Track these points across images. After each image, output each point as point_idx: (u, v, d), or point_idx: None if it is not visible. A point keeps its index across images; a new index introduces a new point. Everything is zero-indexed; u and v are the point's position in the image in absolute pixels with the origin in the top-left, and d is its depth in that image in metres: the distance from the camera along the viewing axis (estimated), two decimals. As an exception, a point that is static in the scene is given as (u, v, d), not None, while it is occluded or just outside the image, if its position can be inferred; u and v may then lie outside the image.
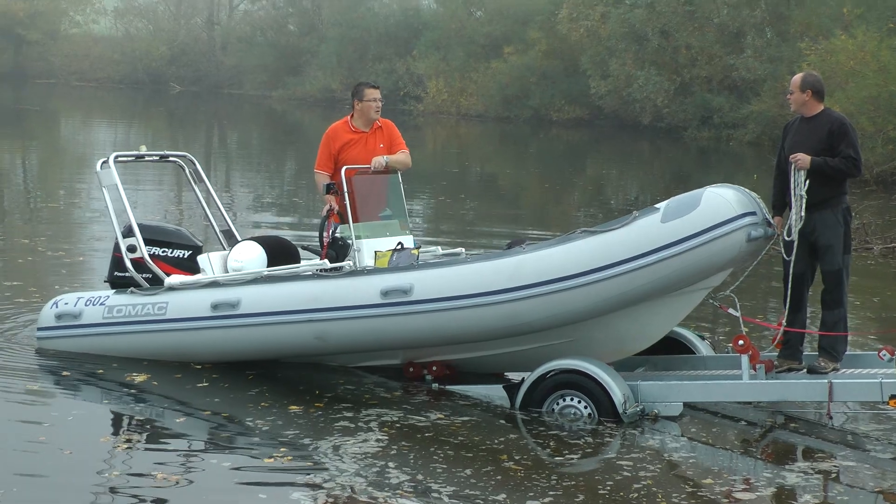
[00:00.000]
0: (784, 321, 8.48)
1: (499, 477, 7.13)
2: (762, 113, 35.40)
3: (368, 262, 9.20)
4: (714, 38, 40.02)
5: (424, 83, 52.30)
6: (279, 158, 32.90)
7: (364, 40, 56.80)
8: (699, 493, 6.99)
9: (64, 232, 16.68)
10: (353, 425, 8.06)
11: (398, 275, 8.77)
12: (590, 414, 8.21)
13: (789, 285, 8.50)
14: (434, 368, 8.96)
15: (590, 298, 8.27)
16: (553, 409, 8.31)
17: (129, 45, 69.89)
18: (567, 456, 7.58)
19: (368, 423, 8.09)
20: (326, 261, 9.24)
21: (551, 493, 6.88)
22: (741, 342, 8.18)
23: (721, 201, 8.17)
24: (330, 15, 61.19)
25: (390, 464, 7.32)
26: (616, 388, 8.16)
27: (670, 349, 9.22)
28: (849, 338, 8.76)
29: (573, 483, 7.06)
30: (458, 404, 8.57)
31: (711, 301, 8.65)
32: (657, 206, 8.36)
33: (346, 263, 9.16)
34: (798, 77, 8.67)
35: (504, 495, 6.81)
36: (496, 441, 7.83)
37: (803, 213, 8.35)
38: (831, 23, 31.70)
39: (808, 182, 8.33)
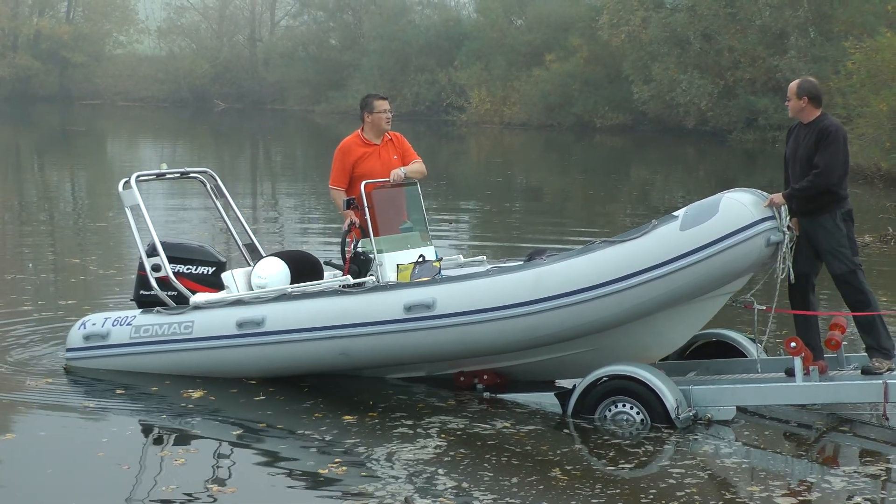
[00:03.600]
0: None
1: (542, 486, 7.13)
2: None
3: (391, 275, 9.25)
4: (757, 40, 39.82)
5: (467, 93, 52.39)
6: (323, 173, 33.01)
7: (405, 52, 56.95)
8: (737, 500, 6.95)
9: (114, 251, 16.85)
10: (411, 432, 8.13)
11: (421, 289, 8.80)
12: (642, 420, 8.19)
13: (793, 286, 8.50)
14: (485, 377, 8.98)
15: (610, 309, 8.29)
16: (605, 416, 8.30)
17: (173, 64, 70.47)
18: (620, 465, 7.56)
19: (427, 431, 8.13)
20: (349, 276, 9.28)
21: (594, 501, 6.87)
22: (793, 344, 8.14)
23: (739, 207, 8.17)
24: (371, 28, 61.43)
25: (440, 471, 7.36)
26: (668, 394, 8.14)
27: (722, 353, 9.20)
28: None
29: (617, 491, 7.05)
30: (514, 413, 8.58)
31: (733, 304, 8.64)
32: (675, 213, 8.37)
33: (369, 278, 9.20)
34: (795, 84, 8.66)
35: (544, 504, 6.82)
36: (549, 449, 7.83)
37: (792, 245, 8.34)
38: (875, 20, 31.47)
39: (789, 217, 8.35)
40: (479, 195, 25.69)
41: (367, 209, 9.29)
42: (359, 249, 9.39)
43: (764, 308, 8.47)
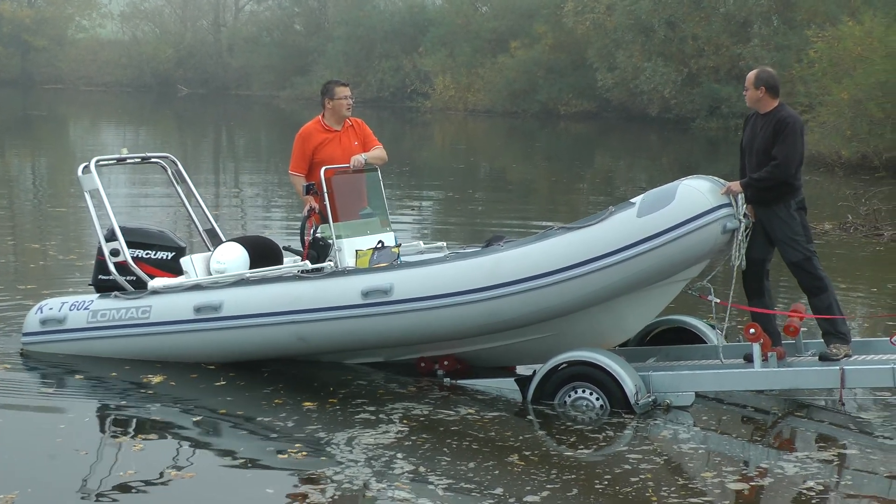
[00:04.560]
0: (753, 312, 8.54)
1: (497, 471, 7.13)
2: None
3: (350, 261, 9.25)
4: (720, 28, 40.00)
5: (431, 80, 52.35)
6: (286, 159, 32.89)
7: (370, 38, 56.87)
8: (690, 486, 6.97)
9: (73, 236, 16.73)
10: (373, 417, 8.12)
11: (378, 275, 8.80)
12: (602, 406, 8.22)
13: (746, 272, 8.56)
14: (446, 363, 8.99)
15: (567, 295, 8.31)
16: (565, 402, 8.32)
17: (136, 49, 70.12)
18: (579, 450, 7.58)
19: (389, 417, 8.14)
20: (308, 262, 9.27)
21: (549, 486, 6.88)
22: (752, 330, 8.19)
23: (696, 194, 8.22)
24: (336, 14, 61.33)
25: (399, 455, 7.36)
26: (628, 379, 8.18)
27: (682, 339, 9.25)
28: (861, 323, 8.77)
29: (573, 477, 7.05)
30: (477, 399, 8.58)
31: (689, 291, 8.68)
32: (633, 200, 8.40)
33: (328, 264, 9.19)
34: (752, 74, 8.70)
35: (501, 489, 6.82)
36: (511, 435, 7.84)
37: (748, 233, 8.39)
38: (838, 9, 31.68)
39: (745, 205, 8.39)
40: (443, 181, 25.69)
41: (326, 195, 9.28)
42: (318, 235, 9.38)
43: (718, 301, 8.51)
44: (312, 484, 6.92)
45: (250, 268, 9.53)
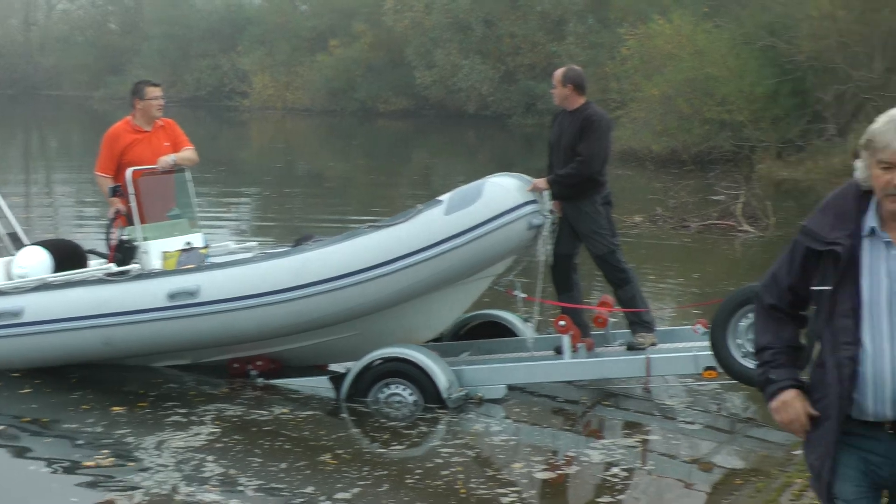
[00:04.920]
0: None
1: (309, 471, 7.10)
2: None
3: (156, 263, 9.11)
4: (537, 26, 40.58)
5: (249, 79, 51.86)
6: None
7: (187, 37, 56.03)
8: (499, 477, 7.05)
9: None
10: (185, 420, 8.01)
11: (185, 277, 8.69)
12: (415, 401, 8.25)
13: (555, 266, 8.72)
14: (259, 363, 8.91)
15: (374, 294, 8.33)
16: (379, 399, 8.33)
17: (-59, 48, 67.75)
18: (392, 446, 7.60)
19: (201, 419, 8.03)
20: (113, 265, 9.11)
21: (360, 483, 6.87)
22: (562, 322, 8.33)
23: (502, 192, 8.34)
24: (152, 12, 60.18)
25: (209, 458, 7.27)
26: (440, 374, 8.22)
27: (495, 333, 9.34)
28: (669, 312, 8.98)
29: (384, 473, 7.06)
30: (291, 398, 8.53)
31: (496, 287, 8.80)
32: (440, 198, 8.47)
33: (133, 266, 9.04)
34: (559, 72, 8.84)
35: (312, 488, 6.78)
36: (325, 434, 7.81)
37: (554, 229, 8.55)
38: (649, 8, 32.38)
39: (551, 202, 8.52)
40: (260, 181, 25.48)
41: (131, 196, 9.11)
42: (123, 237, 9.20)
43: (525, 296, 8.64)
44: (119, 491, 6.78)
45: (54, 272, 9.29)
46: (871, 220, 3.58)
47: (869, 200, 3.59)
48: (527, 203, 8.34)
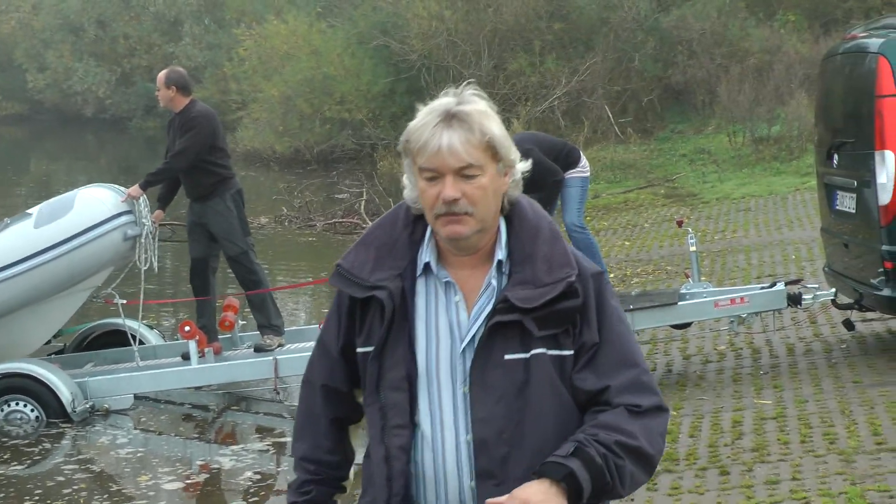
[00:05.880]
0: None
1: None
2: (206, 99, 35.62)
3: None
4: (152, 27, 39.86)
5: None
6: None
7: None
8: (124, 491, 6.90)
9: None
10: None
11: None
12: (37, 417, 7.95)
13: (192, 270, 8.66)
14: None
15: None
16: (-2, 417, 7.98)
17: None
18: (12, 466, 7.29)
19: None
20: None
21: (-25, 508, 6.60)
22: (187, 328, 8.22)
23: (95, 203, 8.23)
24: None
25: None
26: (63, 387, 7.96)
27: (119, 342, 9.12)
28: (299, 314, 9.01)
29: (1, 496, 6.78)
30: None
31: (94, 299, 8.66)
32: (30, 211, 8.26)
33: None
34: (162, 74, 8.73)
35: None
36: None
37: (146, 240, 8.45)
38: (264, 9, 32.43)
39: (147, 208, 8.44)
40: None
41: None
42: None
43: (125, 302, 8.50)
44: None
45: None
46: (426, 254, 2.55)
47: (425, 227, 2.56)
48: (121, 214, 8.21)
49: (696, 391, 7.04)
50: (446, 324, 2.53)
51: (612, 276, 10.37)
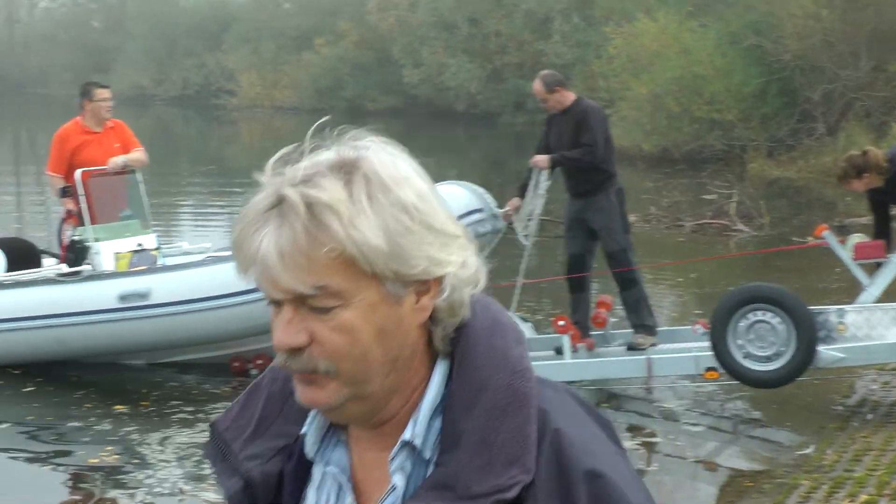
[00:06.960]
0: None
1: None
2: (573, 97, 35.94)
3: (108, 263, 9.12)
4: (522, 25, 40.58)
5: (236, 77, 51.79)
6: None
7: (172, 35, 55.92)
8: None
9: None
10: (191, 417, 8.03)
11: (135, 278, 8.72)
12: None
13: (569, 266, 8.73)
14: (259, 362, 8.92)
15: None
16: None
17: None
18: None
19: (207, 416, 8.01)
20: (65, 265, 9.13)
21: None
22: (561, 322, 8.33)
23: (448, 199, 8.35)
24: (136, 10, 60.06)
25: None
26: None
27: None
28: (668, 313, 8.98)
29: None
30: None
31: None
32: None
33: (85, 267, 9.06)
34: (538, 85, 8.71)
35: None
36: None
37: (539, 212, 8.54)
38: (634, 6, 32.45)
39: (549, 182, 8.53)
40: (250, 180, 25.39)
41: (81, 197, 9.13)
42: (75, 238, 9.23)
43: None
44: (121, 488, 6.80)
45: (7, 270, 9.32)
46: (309, 423, 1.49)
47: None
48: (472, 212, 8.48)
49: None
50: None
51: None
